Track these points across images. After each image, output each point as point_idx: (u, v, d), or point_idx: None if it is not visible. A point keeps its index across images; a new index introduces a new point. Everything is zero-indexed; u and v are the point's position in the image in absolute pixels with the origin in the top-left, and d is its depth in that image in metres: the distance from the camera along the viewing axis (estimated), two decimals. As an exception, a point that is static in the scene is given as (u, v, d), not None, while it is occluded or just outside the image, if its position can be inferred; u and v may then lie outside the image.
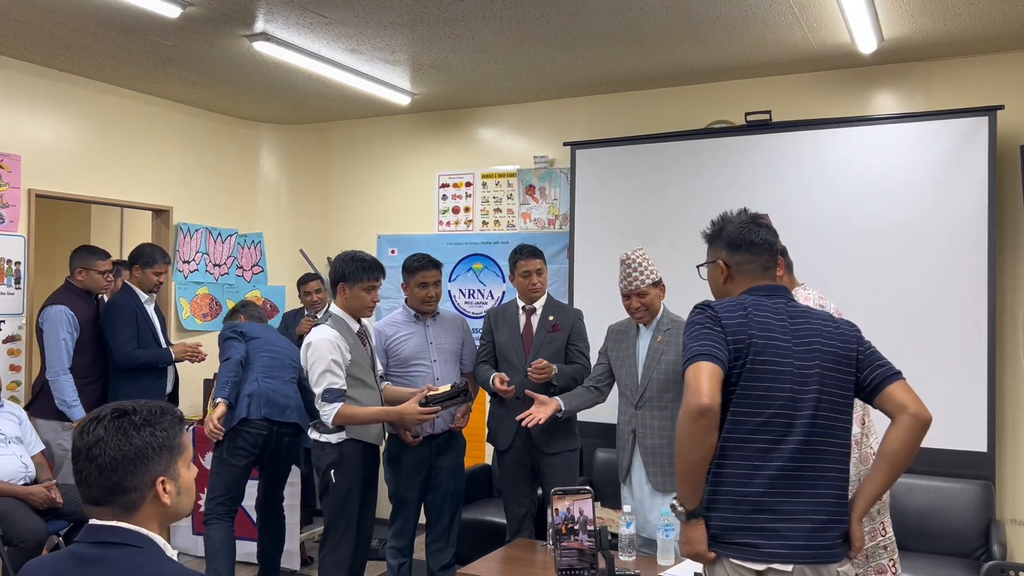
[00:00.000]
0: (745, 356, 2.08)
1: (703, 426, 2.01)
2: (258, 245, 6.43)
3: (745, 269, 2.27)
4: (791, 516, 2.03)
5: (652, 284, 3.56)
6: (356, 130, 6.36)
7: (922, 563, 4.05)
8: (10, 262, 4.81)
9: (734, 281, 2.29)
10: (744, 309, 2.14)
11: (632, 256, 3.59)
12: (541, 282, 4.06)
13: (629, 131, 5.28)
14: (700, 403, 2.00)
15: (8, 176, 4.80)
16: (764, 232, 2.28)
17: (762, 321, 2.12)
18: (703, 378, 2.03)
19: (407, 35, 4.37)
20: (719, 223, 2.35)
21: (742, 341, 2.08)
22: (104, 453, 1.52)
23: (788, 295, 2.25)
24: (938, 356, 4.41)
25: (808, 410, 2.07)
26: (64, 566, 1.53)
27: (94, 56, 4.79)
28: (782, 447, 2.05)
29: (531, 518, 4.08)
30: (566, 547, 2.97)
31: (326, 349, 3.57)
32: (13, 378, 4.80)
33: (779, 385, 2.07)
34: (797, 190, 4.75)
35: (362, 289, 3.69)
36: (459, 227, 5.98)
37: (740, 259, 2.27)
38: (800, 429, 2.06)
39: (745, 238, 2.26)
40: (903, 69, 4.73)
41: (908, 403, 2.10)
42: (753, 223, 2.30)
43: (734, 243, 2.28)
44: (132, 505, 1.54)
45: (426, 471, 4.00)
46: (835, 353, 2.15)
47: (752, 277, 2.26)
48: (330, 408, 3.56)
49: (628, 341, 3.69)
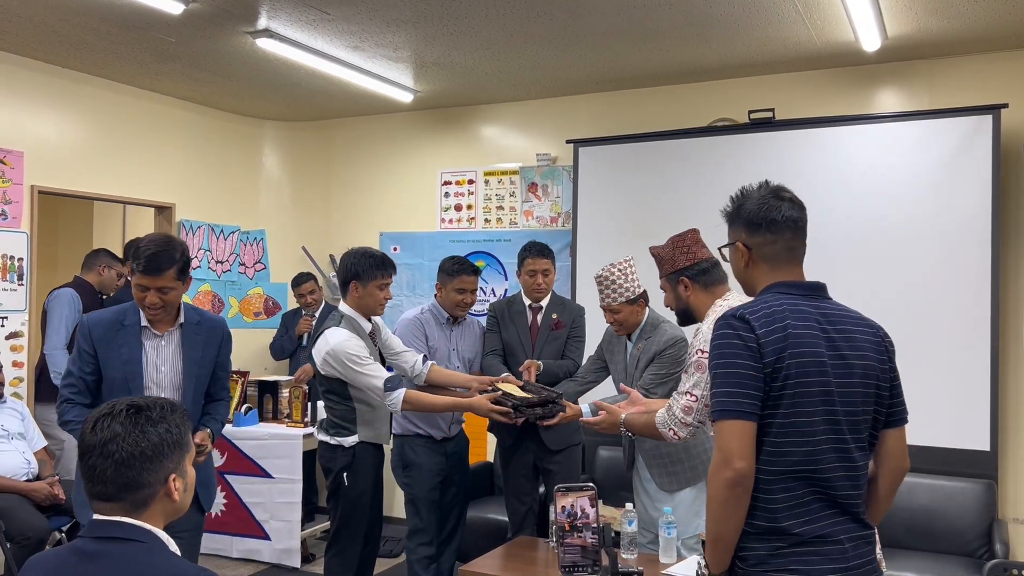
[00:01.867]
0: (785, 379, 1.82)
1: (737, 495, 1.81)
2: (260, 242, 6.43)
3: (767, 252, 2.00)
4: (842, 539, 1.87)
5: (626, 302, 3.48)
6: (359, 127, 6.36)
7: (925, 562, 4.04)
8: (13, 258, 4.81)
9: (756, 265, 2.02)
10: (782, 320, 1.86)
11: (606, 273, 3.49)
12: (547, 283, 4.02)
13: (632, 129, 5.28)
14: (738, 469, 1.78)
15: (11, 172, 4.80)
16: (787, 208, 2.03)
17: (801, 335, 1.85)
18: (735, 442, 1.80)
19: (410, 32, 4.36)
20: (738, 199, 2.10)
21: (781, 361, 1.82)
22: (121, 449, 1.52)
23: (823, 292, 2.00)
24: (941, 355, 4.40)
25: (854, 433, 1.89)
26: (67, 561, 1.52)
27: (97, 53, 4.79)
28: (837, 481, 1.86)
29: (533, 515, 4.08)
30: (569, 544, 2.97)
31: (351, 348, 3.44)
32: (16, 374, 4.80)
33: (822, 408, 1.85)
34: (800, 188, 4.67)
35: (376, 287, 3.57)
36: (461, 225, 5.97)
37: (760, 240, 2.00)
38: (851, 456, 1.87)
39: (765, 216, 2.00)
40: (907, 67, 4.72)
41: (895, 451, 1.97)
42: (775, 197, 2.04)
43: (753, 222, 2.01)
44: (143, 502, 1.54)
45: (443, 472, 3.94)
46: (874, 368, 1.93)
47: (777, 262, 2.00)
48: (396, 395, 3.43)
49: (620, 347, 3.70)
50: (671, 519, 3.25)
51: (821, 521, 1.85)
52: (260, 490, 5.11)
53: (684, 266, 2.95)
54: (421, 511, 3.90)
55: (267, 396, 5.47)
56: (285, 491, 5.04)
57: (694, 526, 3.53)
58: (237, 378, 5.52)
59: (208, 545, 5.26)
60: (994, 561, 3.86)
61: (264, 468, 5.10)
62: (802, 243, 2.05)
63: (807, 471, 1.84)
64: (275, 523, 5.07)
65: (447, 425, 3.95)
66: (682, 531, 3.48)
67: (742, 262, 2.05)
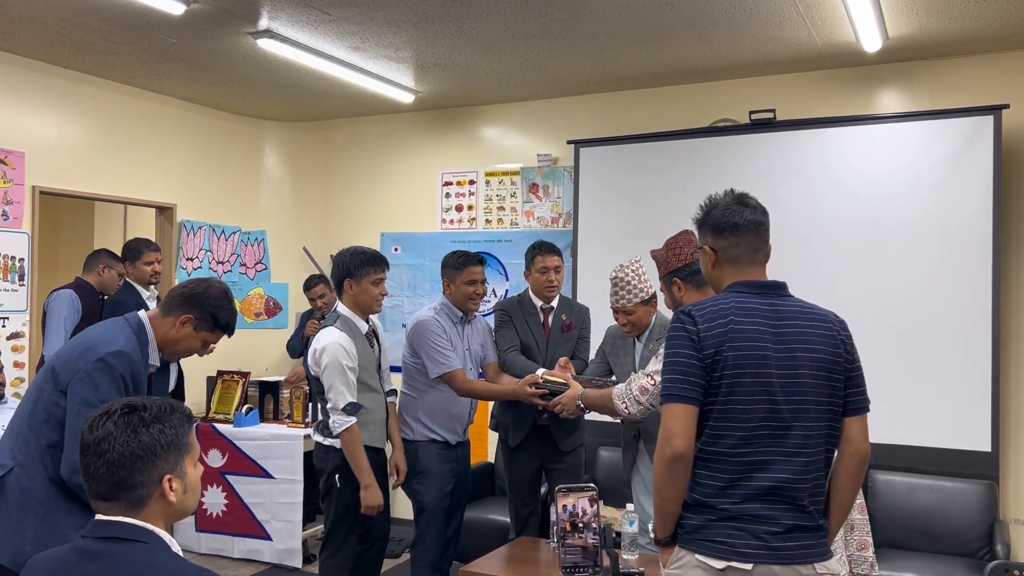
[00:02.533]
0: (723, 369, 2.01)
1: (677, 470, 2.01)
2: (261, 243, 6.43)
3: (731, 254, 2.17)
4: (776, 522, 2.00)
5: (641, 302, 3.50)
6: (360, 128, 6.36)
7: (926, 563, 4.04)
8: (14, 259, 4.81)
9: (722, 267, 2.19)
10: (725, 316, 2.05)
11: (620, 274, 3.51)
12: (558, 280, 3.97)
13: (633, 129, 5.28)
14: (675, 449, 1.99)
15: (12, 173, 4.81)
16: (749, 212, 2.18)
17: (743, 329, 2.03)
18: (677, 423, 2.00)
19: (411, 33, 4.36)
20: (707, 206, 2.25)
21: (720, 354, 2.01)
22: (113, 448, 1.52)
23: (778, 292, 2.15)
24: (942, 356, 4.40)
25: (801, 422, 2.02)
26: (69, 561, 1.53)
27: (98, 53, 4.79)
28: (772, 465, 2.00)
29: (536, 516, 4.07)
30: (570, 545, 2.97)
31: (339, 354, 3.48)
32: (17, 374, 4.80)
33: (760, 397, 2.01)
34: (801, 189, 4.74)
35: (370, 282, 3.60)
36: (462, 225, 5.98)
37: (725, 243, 2.17)
38: (794, 443, 2.01)
39: (729, 220, 2.17)
40: (908, 68, 4.72)
41: (854, 437, 2.09)
42: (738, 203, 2.20)
43: (718, 227, 2.18)
44: (138, 502, 1.54)
45: (455, 478, 3.88)
46: (823, 360, 2.06)
47: (740, 263, 2.17)
48: (346, 421, 3.48)
49: (626, 348, 3.68)
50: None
51: (754, 502, 1.99)
52: (261, 490, 5.12)
53: (676, 267, 3.02)
54: (431, 522, 3.80)
55: (268, 396, 5.48)
56: (286, 491, 5.05)
57: None
58: (238, 378, 5.53)
59: (209, 545, 5.28)
60: (995, 562, 3.86)
61: (265, 468, 5.10)
62: (764, 245, 2.21)
63: (741, 454, 2.00)
64: (276, 523, 5.08)
65: (462, 429, 3.92)
66: None
67: (710, 264, 2.23)
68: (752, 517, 1.99)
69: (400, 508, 5.89)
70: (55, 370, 2.48)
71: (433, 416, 3.82)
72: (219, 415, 5.41)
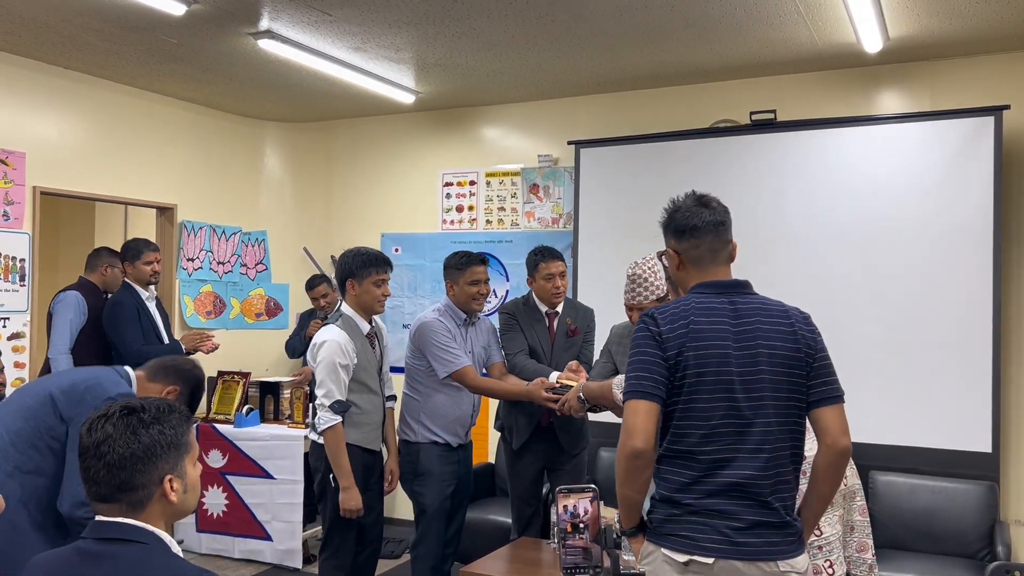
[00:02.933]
0: (685, 369, 2.04)
1: (637, 466, 2.04)
2: (262, 243, 6.43)
3: (693, 255, 2.20)
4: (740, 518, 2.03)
5: (656, 300, 3.50)
6: (360, 128, 6.36)
7: (926, 564, 4.04)
8: (15, 259, 4.81)
9: (686, 269, 2.23)
10: (685, 318, 2.08)
11: (638, 271, 3.51)
12: (564, 284, 3.93)
13: (633, 130, 5.28)
14: (634, 447, 2.01)
15: (13, 173, 4.81)
16: (708, 214, 2.20)
17: (703, 329, 2.06)
18: (639, 419, 2.02)
19: (412, 33, 4.37)
20: (669, 209, 2.29)
21: (682, 354, 2.04)
22: (113, 451, 1.52)
23: (739, 290, 2.17)
24: (942, 357, 4.40)
25: (761, 419, 2.04)
26: (70, 562, 1.53)
27: (99, 53, 4.80)
28: (734, 462, 2.03)
29: (538, 517, 4.06)
30: (570, 546, 2.97)
31: (333, 352, 3.51)
32: (18, 375, 4.80)
33: (721, 395, 2.03)
34: (802, 190, 4.74)
35: (372, 283, 3.62)
36: (463, 226, 5.98)
37: (687, 245, 2.21)
38: (754, 440, 2.03)
39: (688, 223, 2.20)
40: (909, 69, 4.72)
41: (830, 429, 2.09)
42: (697, 205, 2.23)
43: (680, 229, 2.22)
44: (139, 503, 1.54)
45: (456, 480, 3.87)
46: (782, 356, 2.08)
47: (702, 264, 2.19)
48: (332, 418, 3.49)
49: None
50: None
51: (716, 498, 2.03)
52: (261, 491, 5.12)
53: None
54: (432, 523, 3.79)
55: (268, 397, 5.48)
56: (287, 492, 5.04)
57: None
58: (239, 379, 5.53)
59: (210, 546, 5.28)
60: (996, 563, 3.86)
61: (265, 469, 5.10)
62: (725, 245, 2.22)
63: (704, 451, 2.04)
64: (277, 524, 5.08)
65: (464, 432, 3.91)
66: None
67: (674, 266, 2.27)
68: (715, 512, 2.02)
69: (401, 509, 5.90)
70: (55, 400, 2.50)
71: (435, 419, 3.81)
72: (220, 415, 5.41)
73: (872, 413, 4.37)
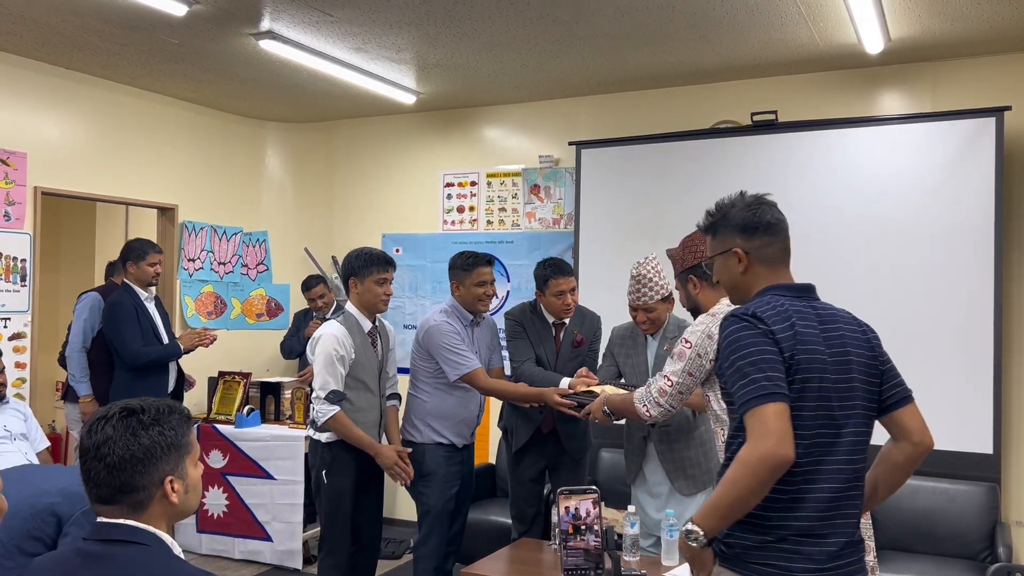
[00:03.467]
0: (795, 373, 1.87)
1: (773, 479, 1.81)
2: (263, 243, 6.43)
3: (766, 254, 2.05)
4: (831, 541, 1.90)
5: (660, 300, 3.51)
6: (361, 129, 6.36)
7: (927, 565, 4.04)
8: (16, 259, 4.81)
9: (753, 270, 2.06)
10: (789, 319, 1.91)
11: (643, 271, 3.51)
12: (575, 300, 3.87)
13: (634, 131, 5.27)
14: (785, 455, 1.78)
15: (14, 174, 4.81)
16: (776, 211, 2.10)
17: (805, 333, 1.91)
18: (780, 423, 1.80)
19: (413, 34, 4.36)
20: (721, 209, 2.13)
21: (794, 357, 1.87)
22: (113, 452, 1.51)
23: (813, 293, 2.06)
24: (944, 358, 4.40)
25: (850, 428, 1.93)
26: (71, 563, 1.52)
27: (100, 54, 4.80)
28: (825, 476, 1.89)
29: (540, 518, 4.06)
30: (572, 547, 2.97)
31: (329, 344, 3.56)
32: (19, 375, 4.80)
33: (821, 403, 1.89)
34: (803, 191, 4.74)
35: (373, 282, 3.64)
36: (464, 226, 5.97)
37: (759, 243, 2.05)
38: (844, 451, 1.91)
39: (761, 219, 2.06)
40: (910, 69, 4.72)
41: (915, 429, 2.00)
42: (762, 203, 2.10)
43: (748, 226, 2.06)
44: (140, 504, 1.53)
45: (460, 481, 3.87)
46: (865, 364, 1.98)
47: (773, 263, 2.05)
48: (329, 409, 3.53)
49: (637, 348, 3.66)
50: (673, 521, 3.25)
51: (811, 520, 1.88)
52: (262, 491, 5.11)
53: (692, 264, 3.00)
54: (436, 524, 3.78)
55: (269, 397, 5.48)
56: (287, 492, 5.04)
57: None
58: (239, 379, 5.53)
59: (210, 546, 5.27)
60: (997, 564, 3.86)
61: (266, 469, 5.10)
62: (789, 246, 2.11)
63: (800, 465, 1.86)
64: (277, 524, 5.07)
65: (470, 432, 3.90)
66: None
67: (739, 268, 2.07)
68: (808, 537, 1.87)
69: (401, 510, 5.90)
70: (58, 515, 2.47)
71: (442, 420, 3.80)
72: (220, 416, 5.41)
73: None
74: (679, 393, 2.81)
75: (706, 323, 2.80)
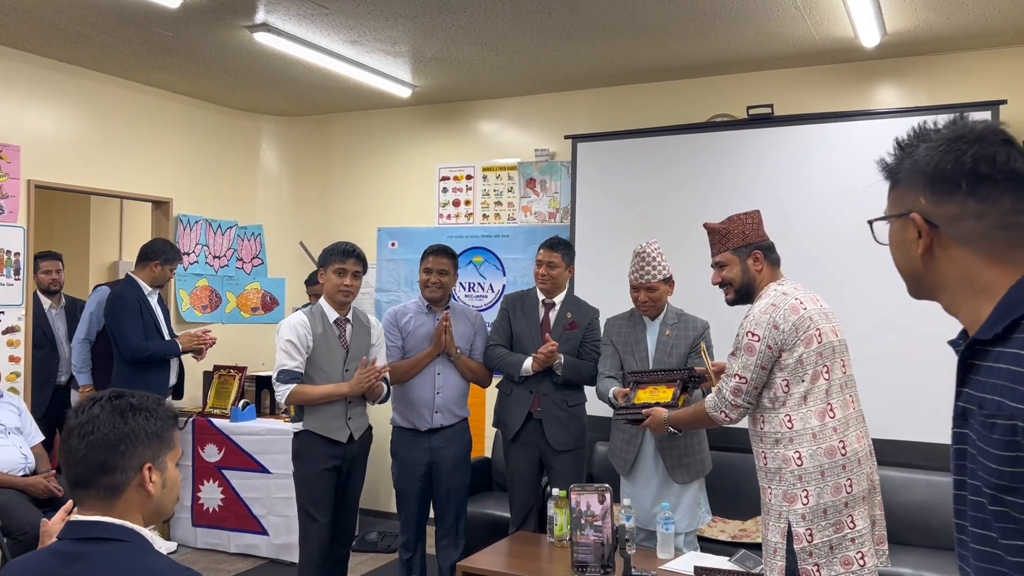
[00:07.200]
0: None
1: None
2: (258, 237, 6.41)
3: (971, 230, 1.18)
4: None
5: (663, 280, 3.55)
6: (357, 122, 6.34)
7: (922, 558, 4.05)
8: (9, 253, 4.79)
9: (947, 253, 1.23)
10: None
11: (646, 249, 3.55)
12: (551, 276, 3.97)
13: (630, 124, 5.27)
14: None
15: (7, 167, 4.79)
16: (1016, 152, 1.19)
17: None
18: None
19: (408, 27, 4.35)
20: (915, 138, 1.30)
21: None
22: (98, 430, 1.52)
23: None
24: (936, 350, 4.39)
25: None
26: (48, 564, 1.49)
27: (94, 46, 4.77)
28: None
29: (536, 511, 4.06)
30: (581, 543, 2.97)
31: (284, 330, 3.68)
32: (12, 369, 4.79)
33: None
34: (799, 184, 4.74)
35: (332, 272, 3.73)
36: (460, 220, 5.97)
37: (956, 210, 1.18)
38: None
39: (970, 165, 1.19)
40: (906, 63, 4.72)
41: None
42: (1003, 140, 1.22)
43: (939, 177, 1.21)
44: (116, 488, 1.52)
45: (426, 465, 3.99)
46: None
47: (987, 245, 1.18)
48: (283, 388, 3.63)
49: (636, 334, 3.67)
50: (668, 514, 3.25)
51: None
52: (257, 485, 5.11)
53: (756, 241, 2.87)
54: (402, 504, 4.04)
55: (264, 391, 5.47)
56: (283, 486, 5.03)
57: (696, 518, 3.54)
58: (235, 373, 5.52)
59: (206, 540, 5.27)
60: (991, 557, 3.87)
61: (261, 463, 5.10)
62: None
63: None
64: (273, 518, 5.07)
65: (430, 415, 3.97)
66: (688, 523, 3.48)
67: (917, 248, 1.27)
68: None
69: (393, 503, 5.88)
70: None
71: (398, 403, 4.04)
72: (216, 410, 5.40)
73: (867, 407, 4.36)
74: (755, 388, 2.70)
75: (770, 313, 2.70)
